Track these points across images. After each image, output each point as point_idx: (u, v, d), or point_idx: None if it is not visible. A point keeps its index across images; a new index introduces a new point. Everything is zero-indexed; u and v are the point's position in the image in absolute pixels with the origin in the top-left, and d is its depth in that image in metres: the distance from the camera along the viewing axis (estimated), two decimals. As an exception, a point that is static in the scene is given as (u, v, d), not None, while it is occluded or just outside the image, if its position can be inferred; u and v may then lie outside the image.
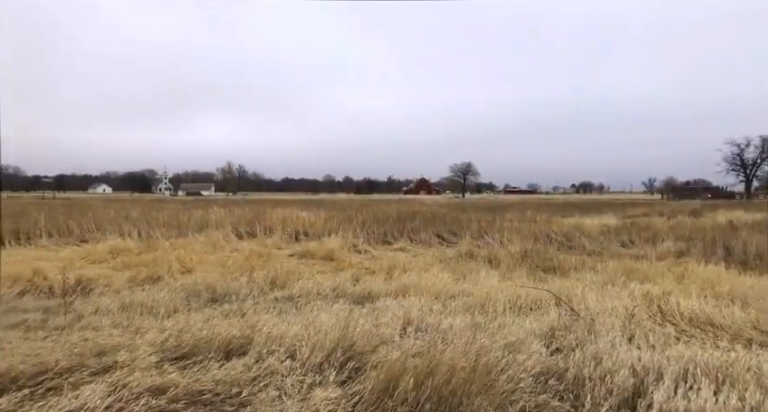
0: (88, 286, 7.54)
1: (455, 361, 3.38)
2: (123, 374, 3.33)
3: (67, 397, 3.03)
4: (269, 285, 7.85)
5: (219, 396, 3.24)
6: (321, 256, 11.39)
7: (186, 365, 3.70)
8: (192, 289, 7.37)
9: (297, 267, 9.58)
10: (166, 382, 3.28)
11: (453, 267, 9.68)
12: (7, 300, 6.70)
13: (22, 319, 5.33)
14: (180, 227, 15.85)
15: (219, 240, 13.60)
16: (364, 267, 9.98)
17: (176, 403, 3.08)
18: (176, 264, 9.48)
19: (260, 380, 3.45)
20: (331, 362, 3.70)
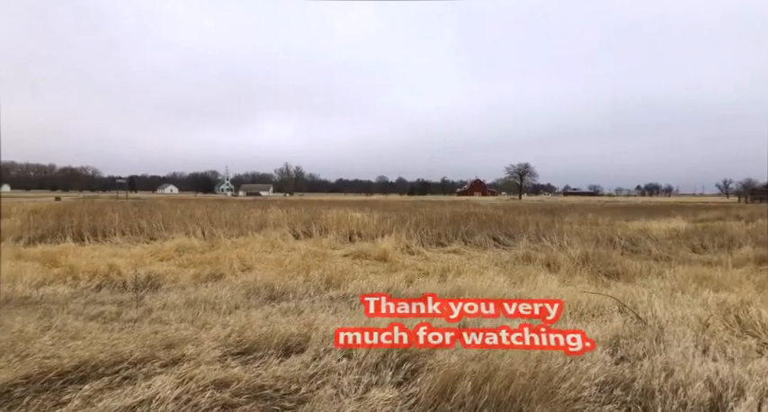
0: (157, 282, 7.94)
1: (514, 366, 3.29)
2: (190, 367, 3.48)
3: (141, 386, 3.21)
4: (324, 284, 7.98)
5: (279, 392, 3.32)
6: (375, 257, 11.44)
7: (247, 360, 3.82)
8: (251, 286, 7.61)
9: (351, 267, 9.67)
10: (230, 376, 3.40)
11: (509, 270, 9.45)
12: (86, 293, 7.20)
13: (99, 311, 5.69)
14: (240, 226, 16.42)
15: (277, 240, 13.98)
16: (417, 268, 9.93)
17: (239, 397, 3.19)
18: (237, 262, 9.80)
19: (317, 378, 3.51)
20: (387, 363, 3.70)
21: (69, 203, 27.56)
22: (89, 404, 3.00)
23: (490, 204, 37.64)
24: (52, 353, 3.67)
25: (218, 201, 40.09)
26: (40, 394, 3.16)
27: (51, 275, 8.16)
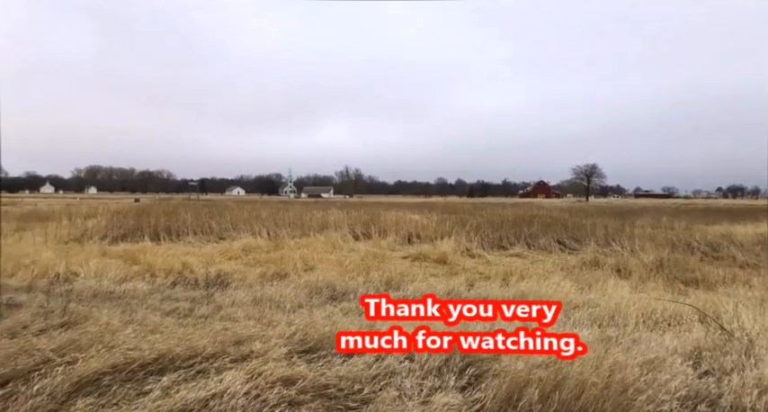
0: (226, 280, 8.29)
1: (584, 375, 3.14)
2: (258, 363, 3.61)
3: (213, 380, 3.37)
4: (384, 286, 8.03)
5: (343, 391, 3.36)
6: (434, 259, 11.38)
7: (312, 359, 3.90)
8: (314, 286, 7.79)
9: (410, 269, 9.66)
10: (295, 374, 3.49)
11: (576, 275, 9.07)
12: (162, 289, 7.65)
13: (174, 307, 6.04)
14: (303, 227, 16.88)
15: (338, 241, 14.23)
16: (478, 272, 9.77)
17: (305, 395, 3.26)
18: (300, 262, 10.07)
19: (380, 380, 3.52)
20: (450, 367, 3.65)
21: (147, 205, 29.54)
22: (167, 395, 3.18)
23: (555, 207, 36.38)
24: (134, 345, 3.93)
25: (281, 202, 41.50)
26: (125, 383, 3.39)
27: (132, 272, 8.75)
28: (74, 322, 4.83)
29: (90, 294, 6.87)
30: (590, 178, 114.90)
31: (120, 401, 3.14)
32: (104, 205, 27.78)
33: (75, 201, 38.21)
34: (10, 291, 6.79)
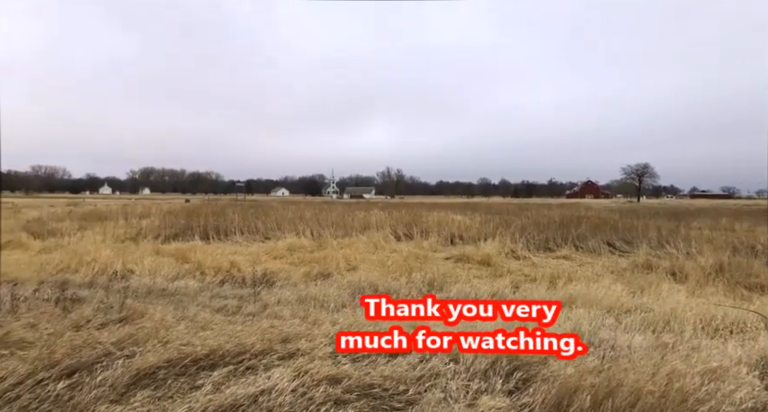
0: (271, 279, 8.49)
1: (640, 383, 3.01)
2: (305, 361, 3.67)
3: (261, 377, 3.45)
4: (426, 287, 8.00)
5: (388, 391, 3.36)
6: (477, 261, 11.22)
7: (356, 358, 3.92)
8: (356, 286, 7.85)
9: (453, 270, 9.57)
10: (341, 373, 3.52)
11: (628, 279, 8.71)
12: (212, 287, 7.91)
13: (223, 305, 6.23)
14: (345, 227, 17.04)
15: (380, 241, 14.27)
16: (524, 274, 9.56)
17: (350, 394, 3.29)
18: (343, 262, 10.17)
19: (425, 381, 3.50)
20: (496, 370, 3.59)
21: (196, 205, 30.67)
22: (218, 390, 3.29)
23: (604, 207, 35.14)
24: (187, 340, 4.08)
25: (324, 203, 42.06)
26: (179, 377, 3.53)
27: (183, 270, 9.10)
28: (131, 317, 5.07)
29: (145, 291, 7.20)
30: (642, 178, 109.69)
31: (175, 395, 3.27)
32: (157, 205, 29.09)
33: (130, 202, 40.21)
34: (74, 286, 7.21)
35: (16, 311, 5.17)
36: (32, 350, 3.88)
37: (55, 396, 3.19)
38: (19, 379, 3.33)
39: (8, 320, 4.74)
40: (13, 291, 6.26)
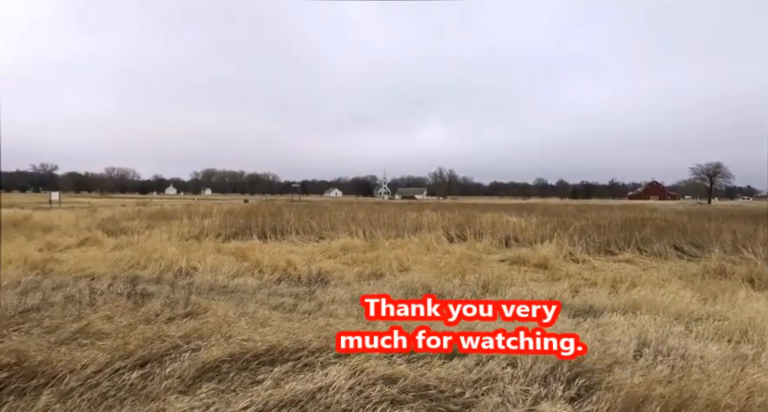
0: (326, 278, 8.64)
1: (716, 396, 2.82)
2: (361, 360, 3.70)
3: (318, 374, 3.52)
4: (480, 289, 7.87)
5: (444, 393, 3.34)
6: (534, 263, 10.91)
7: (411, 359, 3.92)
8: (409, 286, 7.86)
9: (508, 273, 9.36)
10: (396, 373, 3.53)
11: (698, 285, 8.19)
12: (269, 285, 8.16)
13: (280, 302, 6.41)
14: (397, 228, 17.09)
15: (432, 242, 14.21)
16: (583, 278, 9.21)
17: (406, 394, 3.29)
18: (395, 262, 10.19)
19: (482, 384, 3.44)
20: (557, 376, 3.47)
21: (254, 205, 31.81)
22: (278, 385, 3.39)
23: (670, 209, 33.26)
24: (248, 336, 4.23)
25: (376, 203, 42.45)
26: (241, 372, 3.66)
27: (242, 268, 9.45)
28: (196, 312, 5.32)
29: (207, 287, 7.53)
30: (713, 178, 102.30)
31: (237, 388, 3.40)
32: (218, 206, 30.43)
33: (193, 202, 42.27)
34: (144, 282, 7.66)
35: (94, 304, 5.56)
36: (109, 340, 4.16)
37: (130, 384, 3.40)
38: (99, 367, 3.58)
39: (88, 312, 5.11)
40: (91, 285, 6.74)
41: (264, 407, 3.06)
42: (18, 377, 3.43)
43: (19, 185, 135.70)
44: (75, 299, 5.89)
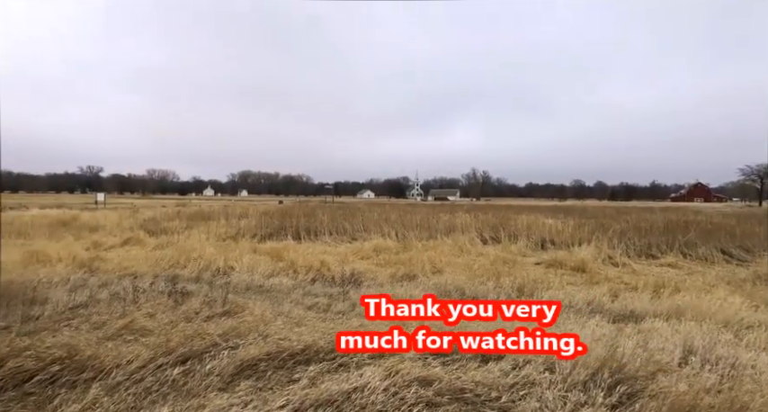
0: (359, 279, 8.67)
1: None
2: (395, 361, 3.70)
3: (354, 374, 3.54)
4: (516, 292, 7.75)
5: (480, 397, 3.30)
6: (571, 267, 10.66)
7: (446, 362, 3.89)
8: (442, 288, 7.80)
9: (544, 276, 9.17)
10: (431, 375, 3.51)
11: (748, 291, 7.80)
12: (304, 285, 8.26)
13: (314, 302, 6.48)
14: (430, 229, 17.01)
15: (465, 244, 14.08)
16: (623, 282, 8.93)
17: (441, 397, 3.26)
18: (428, 264, 10.15)
19: (518, 389, 3.38)
20: (597, 382, 3.37)
21: (289, 206, 32.32)
22: (314, 384, 3.42)
23: (717, 211, 31.83)
24: (284, 335, 4.30)
25: (408, 205, 42.38)
26: (278, 370, 3.72)
27: (277, 268, 9.60)
28: (233, 311, 5.44)
29: (244, 287, 7.69)
30: (764, 179, 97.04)
31: (275, 386, 3.45)
32: (254, 207, 31.07)
33: (230, 203, 43.33)
34: (183, 280, 7.89)
35: (137, 302, 5.77)
36: (152, 337, 4.31)
37: (172, 380, 3.51)
38: (143, 362, 3.72)
39: (132, 310, 5.31)
40: (134, 284, 7.00)
41: (301, 406, 3.10)
42: (69, 370, 3.59)
43: (68, 186, 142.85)
44: (120, 296, 6.14)
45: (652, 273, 10.26)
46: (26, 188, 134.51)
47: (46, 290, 6.73)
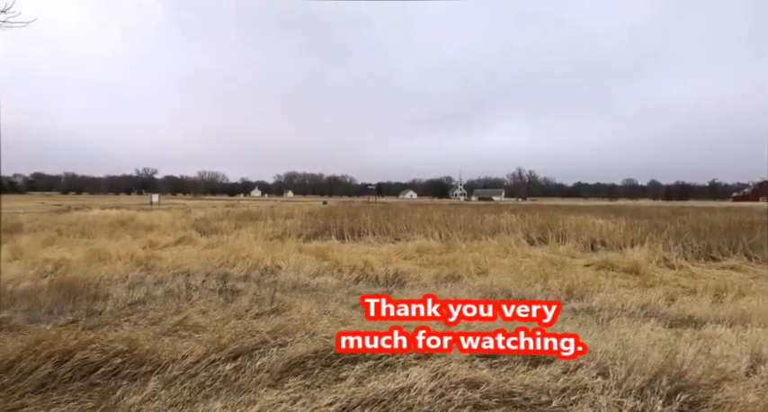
0: (402, 279, 8.68)
1: None
2: (442, 363, 3.67)
3: (400, 374, 3.53)
4: (564, 294, 7.55)
5: (529, 401, 3.21)
6: (623, 269, 10.27)
7: (493, 364, 3.82)
8: (488, 290, 7.69)
9: (594, 278, 8.87)
10: (478, 377, 3.45)
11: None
12: (348, 284, 8.35)
13: (359, 301, 6.51)
14: (474, 230, 16.81)
15: (511, 245, 13.82)
16: (680, 285, 8.51)
17: (489, 399, 3.21)
18: (473, 265, 10.02)
19: (570, 394, 3.27)
20: (655, 389, 3.21)
21: (333, 207, 32.77)
22: (360, 384, 3.44)
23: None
24: (330, 334, 4.34)
25: (452, 205, 42.04)
26: (325, 368, 3.77)
27: (322, 268, 9.74)
28: (281, 309, 5.56)
29: (290, 285, 7.86)
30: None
31: (322, 384, 3.50)
32: (299, 207, 31.70)
33: (276, 204, 44.35)
34: (232, 279, 8.14)
35: (190, 299, 6.00)
36: (205, 334, 4.46)
37: (224, 376, 3.62)
38: (197, 358, 3.86)
39: (185, 306, 5.52)
40: (187, 281, 7.28)
41: (348, 405, 3.12)
42: (130, 363, 3.77)
43: (125, 188, 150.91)
44: (174, 293, 6.40)
45: (712, 276, 9.73)
46: (89, 190, 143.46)
47: (107, 286, 7.11)
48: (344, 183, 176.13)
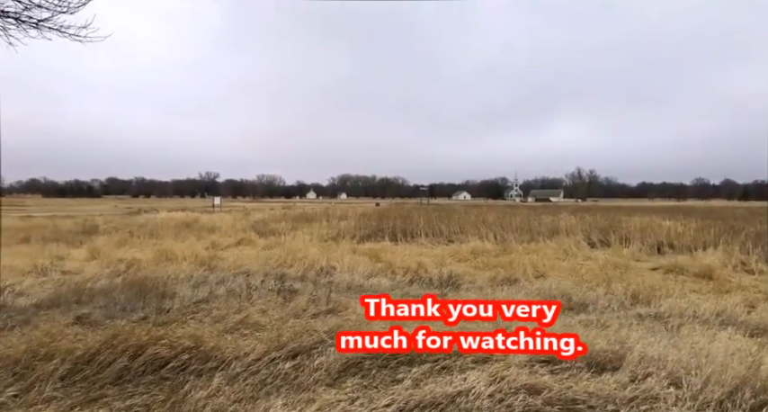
0: (457, 281, 8.57)
1: None
2: (501, 367, 3.59)
3: (457, 378, 3.49)
4: (629, 299, 7.17)
5: (594, 409, 3.08)
6: (694, 273, 9.65)
7: (554, 370, 3.69)
8: (546, 294, 7.45)
9: (662, 283, 8.39)
10: (539, 383, 3.35)
11: None
12: (402, 286, 8.35)
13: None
14: (531, 232, 16.36)
15: (570, 247, 13.34)
16: (761, 291, 7.89)
17: (551, 406, 3.10)
18: (530, 268, 9.75)
19: (639, 403, 3.10)
20: (736, 403, 2.98)
21: (385, 208, 32.97)
22: (417, 386, 3.43)
23: None
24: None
25: (507, 206, 41.12)
26: (381, 369, 3.79)
27: (376, 269, 9.80)
28: (337, 309, 5.65)
29: (345, 286, 7.95)
30: None
31: (379, 385, 3.52)
32: (352, 209, 32.12)
33: (330, 206, 45.24)
34: (290, 279, 8.35)
35: (251, 298, 6.21)
36: (265, 332, 4.61)
37: (284, 374, 3.72)
38: (258, 355, 3.99)
39: (246, 305, 5.73)
40: (247, 281, 7.55)
41: (406, 406, 3.11)
42: (196, 359, 3.96)
43: (189, 191, 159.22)
44: (236, 293, 6.65)
45: (799, 282, 8.94)
46: (156, 193, 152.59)
47: (174, 285, 7.49)
48: (396, 184, 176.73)
